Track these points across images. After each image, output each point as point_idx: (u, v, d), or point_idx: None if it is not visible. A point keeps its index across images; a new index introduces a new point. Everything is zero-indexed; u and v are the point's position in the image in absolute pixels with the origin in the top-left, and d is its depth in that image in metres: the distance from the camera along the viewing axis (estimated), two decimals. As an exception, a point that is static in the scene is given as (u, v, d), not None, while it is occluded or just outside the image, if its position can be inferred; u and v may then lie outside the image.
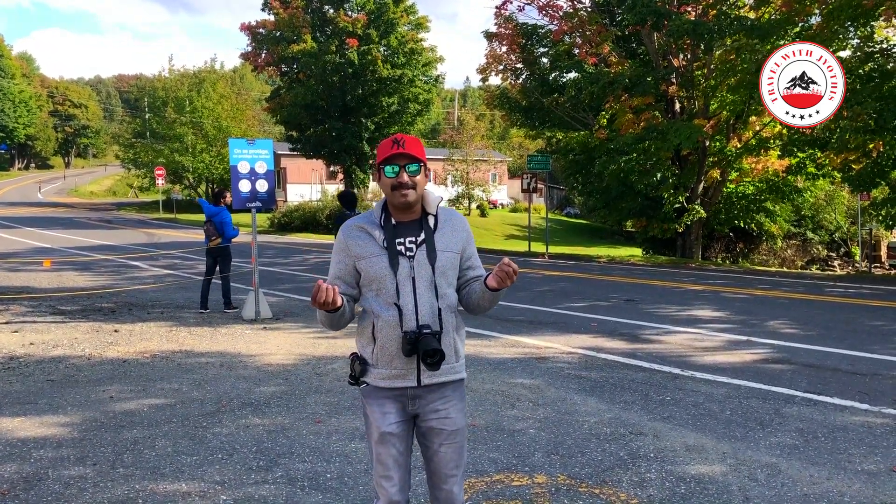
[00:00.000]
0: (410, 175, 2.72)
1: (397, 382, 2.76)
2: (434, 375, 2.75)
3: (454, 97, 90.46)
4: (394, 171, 2.72)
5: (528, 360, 7.78)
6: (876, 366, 7.52)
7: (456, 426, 2.81)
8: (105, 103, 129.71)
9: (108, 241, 26.03)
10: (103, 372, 7.27)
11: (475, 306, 2.89)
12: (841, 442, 5.13)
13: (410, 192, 2.73)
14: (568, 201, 55.41)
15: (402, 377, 2.75)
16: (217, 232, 11.14)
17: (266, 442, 5.14)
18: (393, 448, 2.76)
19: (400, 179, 2.72)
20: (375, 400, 2.79)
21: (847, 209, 32.52)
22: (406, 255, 2.75)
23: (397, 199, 2.74)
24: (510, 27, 25.31)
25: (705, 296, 13.33)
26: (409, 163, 2.72)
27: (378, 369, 2.77)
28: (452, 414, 2.80)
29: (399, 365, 2.73)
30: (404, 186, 2.72)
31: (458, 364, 2.83)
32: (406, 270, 2.73)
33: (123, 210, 53.85)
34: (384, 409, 2.77)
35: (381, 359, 2.75)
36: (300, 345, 8.62)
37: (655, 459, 4.79)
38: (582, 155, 25.56)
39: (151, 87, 57.88)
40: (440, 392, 2.79)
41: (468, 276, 2.90)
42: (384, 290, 2.74)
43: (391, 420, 2.77)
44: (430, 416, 2.79)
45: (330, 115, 37.85)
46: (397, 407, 2.78)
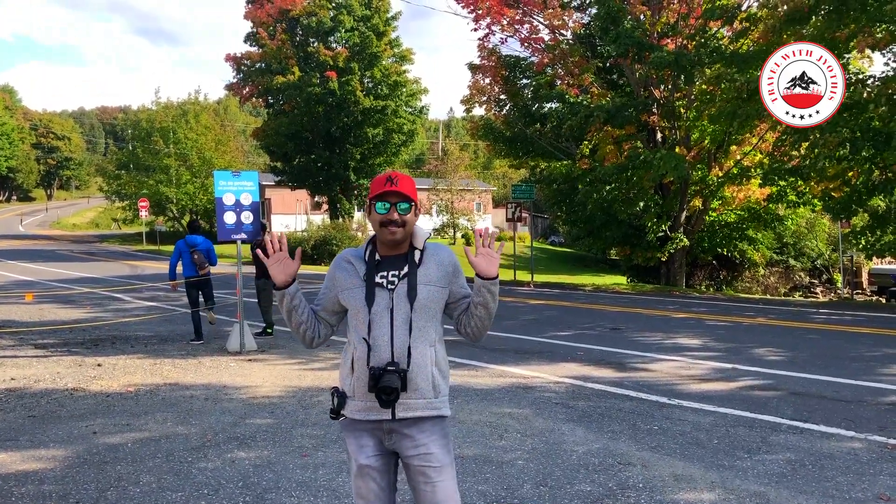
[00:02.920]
0: (401, 214, 2.75)
1: (372, 415, 2.74)
2: (409, 409, 2.72)
3: (438, 127, 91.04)
4: (385, 208, 2.76)
5: (515, 390, 7.76)
6: (860, 392, 7.56)
7: (440, 463, 2.73)
8: (88, 135, 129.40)
9: (90, 274, 25.81)
10: (86, 406, 7.18)
11: (477, 320, 2.86)
12: (828, 470, 5.15)
13: (399, 230, 2.76)
14: (552, 230, 55.66)
15: (377, 410, 2.72)
16: (205, 260, 11.12)
17: (252, 476, 5.08)
18: (372, 482, 2.73)
19: (390, 217, 2.75)
20: (353, 433, 2.79)
21: (828, 236, 32.86)
22: (387, 287, 2.76)
23: (385, 236, 2.78)
24: (493, 59, 25.65)
25: (690, 323, 13.39)
26: (401, 201, 2.76)
27: (355, 401, 2.77)
28: (433, 449, 2.74)
29: (373, 398, 2.70)
30: (394, 224, 2.75)
31: (436, 400, 2.78)
32: (385, 302, 2.74)
33: (106, 242, 53.47)
34: (361, 441, 2.77)
35: (357, 391, 2.75)
36: (286, 377, 8.56)
37: (644, 489, 4.78)
38: (565, 184, 25.77)
39: (136, 118, 57.86)
40: (418, 427, 2.74)
41: (465, 304, 2.90)
42: (360, 322, 2.77)
43: (369, 453, 2.75)
44: (411, 454, 2.74)
45: (315, 145, 38.01)
46: (374, 441, 2.77)
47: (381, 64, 37.74)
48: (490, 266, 2.79)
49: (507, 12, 24.52)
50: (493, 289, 2.81)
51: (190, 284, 11.25)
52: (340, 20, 37.19)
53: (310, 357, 9.92)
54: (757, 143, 22.69)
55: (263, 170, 55.34)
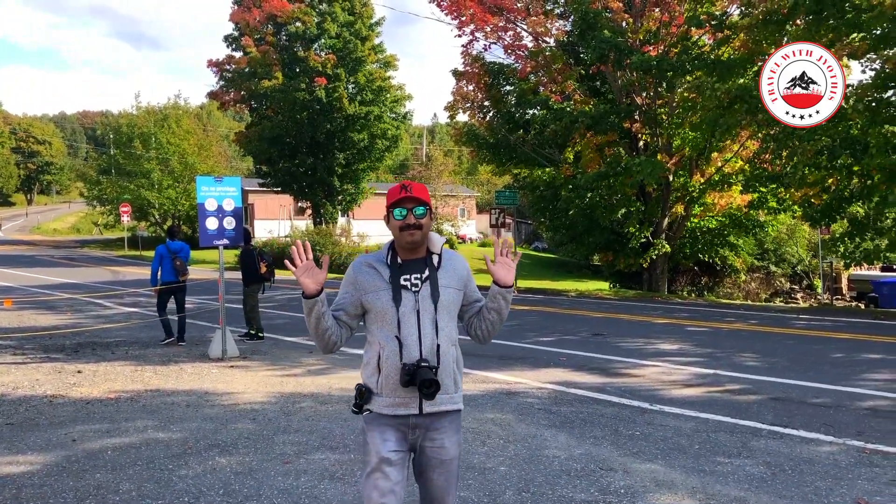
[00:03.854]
0: (417, 217, 2.92)
1: (400, 410, 2.90)
2: (434, 405, 2.90)
3: (422, 133, 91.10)
4: (402, 214, 2.92)
5: (498, 396, 7.77)
6: (839, 398, 7.64)
7: (450, 455, 2.95)
8: (69, 140, 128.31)
9: (71, 280, 25.58)
10: (66, 414, 7.11)
11: (488, 324, 3.07)
12: (807, 475, 5.19)
13: (417, 232, 2.92)
14: (536, 236, 55.77)
15: (405, 405, 2.89)
16: (187, 267, 11.32)
17: (233, 484, 5.05)
18: (391, 474, 2.86)
19: (408, 221, 2.91)
20: (377, 427, 2.92)
21: (808, 242, 33.18)
22: (411, 289, 2.93)
23: (405, 240, 2.94)
24: (477, 66, 25.72)
25: (672, 329, 13.47)
26: (416, 206, 2.93)
27: (382, 398, 2.91)
28: (447, 444, 2.95)
29: (402, 394, 2.88)
30: (412, 228, 2.91)
31: (456, 395, 3.00)
32: (411, 304, 2.91)
33: (87, 247, 53.01)
34: (385, 435, 2.90)
35: (386, 388, 2.90)
36: (268, 384, 8.52)
37: (626, 495, 4.80)
38: (548, 190, 25.87)
39: (117, 123, 57.50)
40: (439, 420, 2.94)
41: (476, 308, 3.11)
42: (388, 322, 2.91)
43: (391, 447, 2.89)
44: (427, 444, 2.94)
45: (299, 150, 37.93)
46: (398, 436, 2.91)
47: (365, 69, 37.73)
48: (507, 275, 3.02)
49: (491, 19, 24.62)
50: (507, 296, 3.03)
51: (166, 289, 11.35)
52: (325, 28, 37.18)
53: (292, 363, 9.88)
54: (738, 151, 22.90)
55: (246, 175, 55.16)
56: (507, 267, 3.03)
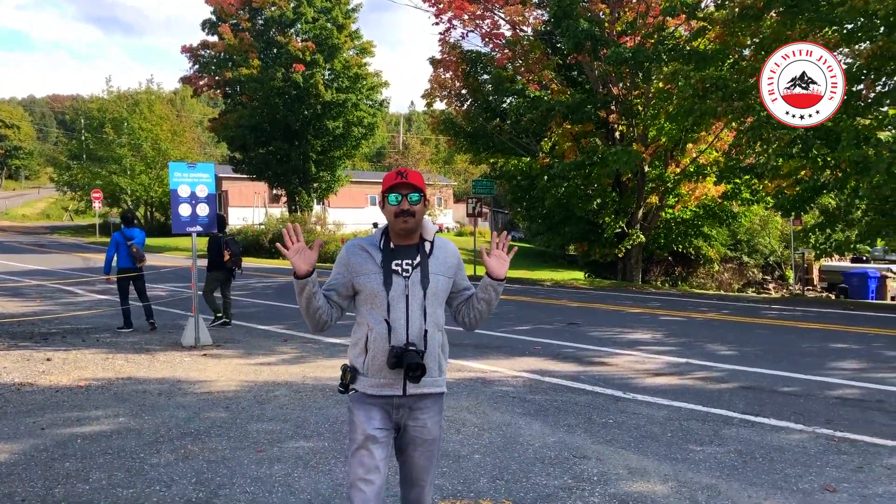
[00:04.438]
0: (412, 204, 2.96)
1: (385, 391, 2.97)
2: (418, 386, 2.97)
3: (399, 121, 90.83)
4: (397, 200, 2.96)
5: (473, 384, 7.78)
6: (809, 386, 7.74)
7: (431, 436, 3.05)
8: (39, 124, 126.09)
9: (41, 266, 25.21)
10: (34, 402, 7.00)
11: (477, 313, 3.16)
12: (777, 462, 5.26)
13: (411, 219, 2.96)
14: (512, 225, 55.90)
15: (390, 386, 2.96)
16: (143, 253, 11.42)
17: (206, 472, 5.01)
18: (375, 451, 2.93)
19: (402, 207, 2.95)
20: (362, 406, 2.99)
21: (781, 233, 33.57)
22: (402, 274, 2.99)
23: (399, 226, 2.98)
24: (455, 54, 25.62)
25: (646, 319, 13.57)
26: (411, 192, 2.97)
27: (368, 378, 2.98)
28: (429, 424, 3.04)
29: (387, 375, 2.94)
30: (406, 214, 2.96)
31: (440, 378, 3.08)
32: (401, 289, 2.97)
33: (58, 234, 52.25)
34: (370, 414, 2.97)
35: (372, 368, 2.96)
36: (242, 372, 8.46)
37: (599, 482, 4.83)
38: (525, 180, 25.91)
39: (87, 107, 56.62)
40: (422, 402, 3.02)
41: (465, 295, 3.19)
42: (378, 305, 2.97)
43: (376, 425, 2.96)
44: (411, 423, 3.03)
45: (274, 137, 37.61)
46: (382, 415, 2.98)
47: (341, 56, 37.44)
48: (501, 268, 3.09)
49: (469, 7, 24.52)
50: (498, 289, 3.10)
51: (124, 277, 11.39)
52: (302, 13, 36.83)
53: (266, 352, 9.82)
54: (713, 142, 23.07)
55: (221, 161, 54.60)
56: (502, 261, 3.10)
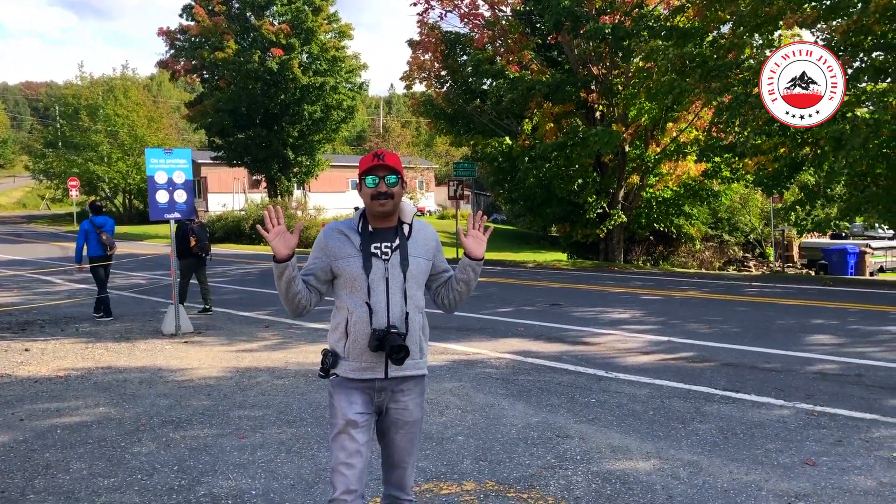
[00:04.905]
0: (389, 186, 2.92)
1: (366, 374, 2.95)
2: (400, 369, 2.95)
3: (379, 104, 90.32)
4: (374, 182, 2.93)
5: (456, 367, 7.78)
6: (790, 362, 7.82)
7: (413, 417, 3.03)
8: (12, 111, 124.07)
9: (17, 256, 24.90)
10: (13, 393, 6.92)
11: (456, 294, 3.14)
12: (758, 438, 5.30)
13: (388, 201, 2.94)
14: (494, 207, 55.88)
15: (371, 369, 2.94)
16: (113, 241, 11.53)
17: (188, 460, 4.98)
18: (357, 435, 2.91)
19: (379, 189, 2.92)
20: (344, 390, 2.97)
21: (761, 211, 33.78)
22: (381, 257, 2.96)
23: (376, 208, 2.95)
24: (433, 35, 25.44)
25: (627, 298, 13.64)
26: (388, 174, 2.93)
27: (349, 362, 2.95)
28: (411, 406, 3.03)
29: (368, 358, 2.93)
30: (383, 196, 2.93)
31: (421, 360, 3.05)
32: (380, 272, 2.94)
33: (35, 223, 51.62)
34: (351, 398, 2.95)
35: (353, 352, 2.94)
36: (223, 359, 8.41)
37: (582, 461, 4.85)
38: (506, 162, 25.86)
39: (62, 94, 55.80)
40: (404, 384, 3.01)
41: (444, 278, 3.17)
42: (358, 289, 2.94)
43: (357, 409, 2.93)
44: (392, 406, 3.01)
45: (252, 122, 37.23)
46: (364, 399, 2.96)
47: (318, 39, 37.02)
48: (478, 248, 3.07)
49: (447, -13, 24.33)
50: (477, 269, 3.09)
51: (97, 265, 11.44)
52: (277, -6, 36.36)
53: (248, 338, 9.77)
54: (693, 121, 23.13)
55: (199, 147, 54.08)
56: (479, 240, 3.09)
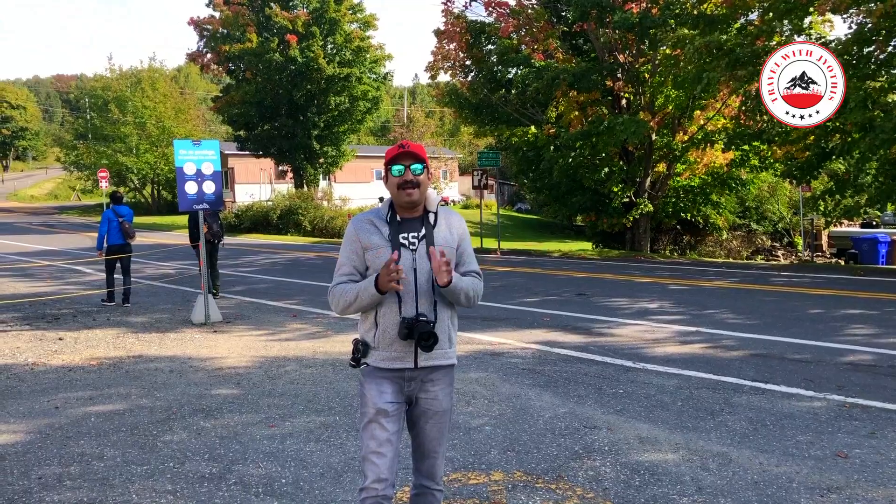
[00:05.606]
0: (415, 175, 2.95)
1: (396, 364, 2.97)
2: (429, 358, 2.99)
3: (403, 94, 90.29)
4: (400, 172, 2.95)
5: (482, 357, 7.80)
6: (820, 353, 7.73)
7: (442, 407, 3.06)
8: (44, 104, 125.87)
9: (50, 246, 25.31)
10: (48, 381, 7.06)
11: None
12: (788, 429, 5.26)
13: (414, 191, 2.96)
14: (519, 197, 55.76)
15: (401, 359, 2.97)
16: (133, 230, 12.07)
17: (219, 448, 5.05)
18: (387, 424, 2.94)
19: (405, 178, 2.95)
20: (374, 380, 3.00)
21: (790, 200, 33.35)
22: (409, 248, 2.98)
23: (402, 198, 2.97)
24: (458, 24, 25.34)
25: (654, 288, 13.55)
26: (414, 163, 2.96)
27: (379, 352, 2.99)
28: (440, 396, 3.05)
29: (398, 348, 2.95)
30: (409, 185, 2.95)
31: (450, 350, 3.08)
32: (409, 262, 2.95)
33: (66, 214, 52.43)
34: (381, 388, 2.98)
35: (382, 342, 2.97)
36: (252, 348, 8.50)
37: (610, 452, 4.84)
38: (531, 151, 25.74)
39: (91, 87, 56.49)
40: (433, 374, 3.03)
41: (460, 272, 3.12)
42: None
43: (387, 399, 2.97)
44: (422, 396, 3.03)
45: (278, 113, 37.43)
46: (394, 388, 2.99)
47: (342, 30, 37.07)
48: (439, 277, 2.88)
49: (472, -25, 24.21)
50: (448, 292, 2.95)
51: (114, 252, 11.90)
52: (300, -17, 36.49)
53: (276, 328, 9.86)
54: (721, 108, 22.85)
55: (226, 138, 54.45)
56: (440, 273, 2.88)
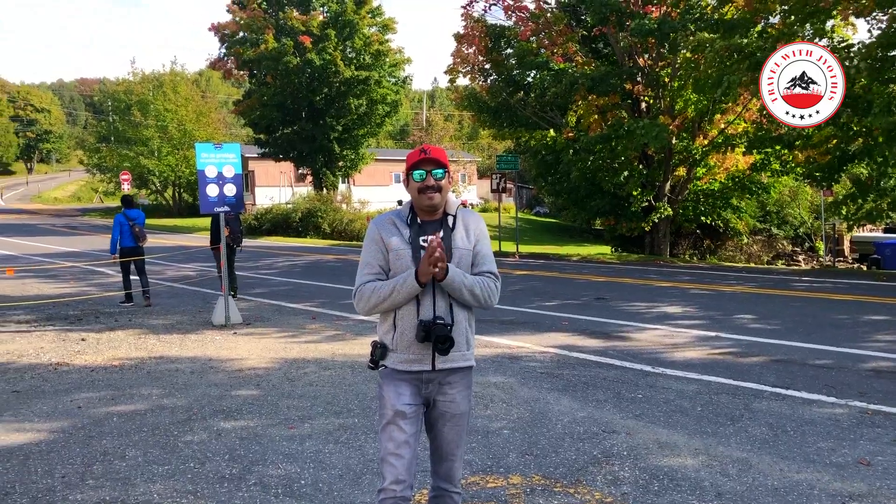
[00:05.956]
0: (436, 179, 2.99)
1: (414, 366, 3.00)
2: (446, 361, 3.01)
3: (422, 98, 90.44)
4: (421, 177, 3.00)
5: (500, 360, 7.80)
6: (841, 359, 7.65)
7: (460, 410, 3.08)
8: (68, 107, 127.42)
9: (73, 248, 25.60)
10: (71, 381, 7.15)
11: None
12: (809, 435, 5.21)
13: (436, 195, 3.00)
14: (537, 200, 55.62)
15: (419, 362, 2.99)
16: (145, 233, 12.31)
17: (239, 449, 5.09)
18: (405, 426, 2.97)
19: (427, 183, 2.99)
20: (392, 382, 3.03)
21: (811, 204, 33.06)
22: None
23: (424, 202, 3.01)
24: (478, 28, 25.37)
25: (674, 292, 13.48)
26: (435, 168, 3.00)
27: (397, 354, 3.02)
28: (458, 399, 3.08)
29: (416, 350, 2.98)
30: (430, 189, 2.99)
31: (468, 352, 3.10)
32: None
33: (89, 216, 53.01)
34: (399, 390, 3.01)
35: (401, 344, 3.00)
36: (271, 349, 8.55)
37: (629, 457, 4.83)
38: (550, 155, 25.70)
39: (114, 90, 57.16)
40: (451, 376, 3.05)
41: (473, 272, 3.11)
42: None
43: (405, 400, 2.99)
44: (440, 398, 3.05)
45: (298, 117, 37.63)
46: (412, 390, 3.02)
47: (361, 33, 37.22)
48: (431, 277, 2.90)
49: (492, -21, 24.25)
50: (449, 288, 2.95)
51: (127, 255, 12.12)
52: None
53: (295, 330, 9.91)
54: (741, 112, 22.70)
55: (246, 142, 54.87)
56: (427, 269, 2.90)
